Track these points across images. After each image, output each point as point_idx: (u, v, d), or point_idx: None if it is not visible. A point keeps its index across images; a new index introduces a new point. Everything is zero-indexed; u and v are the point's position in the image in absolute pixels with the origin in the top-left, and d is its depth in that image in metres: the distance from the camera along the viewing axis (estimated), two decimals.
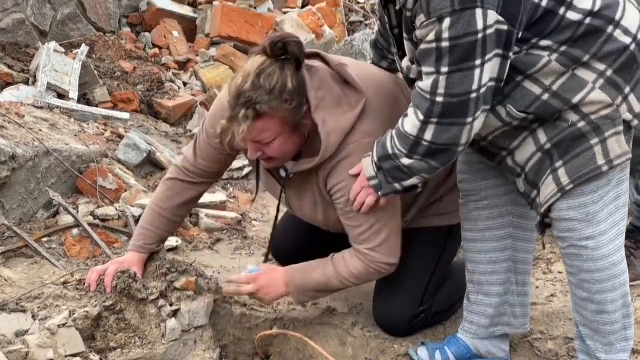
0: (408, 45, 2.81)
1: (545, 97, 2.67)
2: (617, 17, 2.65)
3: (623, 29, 2.65)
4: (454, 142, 2.70)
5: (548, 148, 2.73)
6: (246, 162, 4.99)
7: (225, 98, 3.04)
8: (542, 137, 2.73)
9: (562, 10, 2.63)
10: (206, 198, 4.42)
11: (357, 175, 3.03)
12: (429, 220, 3.42)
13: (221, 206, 4.60)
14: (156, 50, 6.86)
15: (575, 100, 2.65)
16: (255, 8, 7.33)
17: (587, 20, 2.63)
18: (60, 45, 6.16)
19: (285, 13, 7.58)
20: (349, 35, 7.10)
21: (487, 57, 2.57)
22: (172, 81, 6.48)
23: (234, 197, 4.86)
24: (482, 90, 2.61)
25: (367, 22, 7.78)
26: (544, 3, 2.61)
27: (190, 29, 7.19)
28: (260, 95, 2.91)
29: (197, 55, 6.88)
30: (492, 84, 2.62)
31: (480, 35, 2.54)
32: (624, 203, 2.79)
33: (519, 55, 2.65)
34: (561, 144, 2.70)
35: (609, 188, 2.73)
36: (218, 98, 3.30)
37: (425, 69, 2.65)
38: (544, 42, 2.64)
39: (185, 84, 6.58)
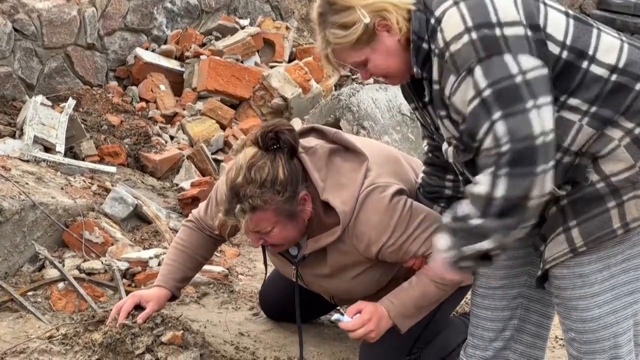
0: (442, 125, 2.77)
1: (577, 161, 2.66)
2: None
3: None
4: (526, 197, 2.53)
5: (563, 204, 2.68)
6: None
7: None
8: (562, 193, 2.70)
9: (584, 64, 2.59)
10: None
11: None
12: None
13: (206, 262, 4.58)
14: (143, 103, 6.87)
15: (599, 154, 2.63)
16: (242, 62, 7.37)
17: (613, 77, 2.59)
18: (47, 98, 6.16)
19: (272, 67, 7.61)
20: (335, 90, 7.13)
21: (541, 101, 2.49)
22: (159, 135, 6.49)
23: (220, 251, 4.84)
24: (548, 137, 2.50)
25: (354, 76, 7.82)
26: (565, 55, 2.59)
27: (177, 83, 7.21)
28: (252, 190, 2.98)
29: (184, 109, 6.90)
30: (553, 134, 2.52)
31: (519, 79, 2.48)
32: (636, 265, 2.72)
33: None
34: (576, 202, 2.66)
35: (617, 250, 2.68)
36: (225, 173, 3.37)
37: (481, 130, 2.54)
38: (573, 101, 2.61)
39: (172, 138, 6.59)
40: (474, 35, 2.53)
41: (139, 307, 3.34)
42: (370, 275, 3.26)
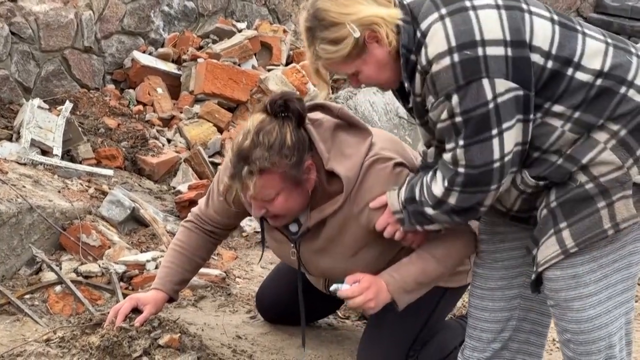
0: (421, 130, 2.88)
1: (560, 161, 2.68)
2: (630, 76, 2.64)
3: (637, 89, 2.64)
4: (478, 204, 2.74)
5: (553, 206, 2.71)
6: None
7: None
8: (552, 194, 2.73)
9: (569, 71, 2.63)
10: None
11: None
12: None
13: (205, 263, 4.58)
14: (140, 106, 6.86)
15: (585, 160, 2.64)
16: (239, 65, 7.36)
17: (598, 82, 2.62)
18: (44, 101, 6.16)
19: (269, 70, 7.61)
20: (332, 93, 7.13)
21: (506, 125, 2.59)
22: (156, 138, 6.48)
23: (217, 254, 4.84)
24: (507, 158, 2.64)
25: None
26: (550, 65, 2.62)
27: (174, 86, 7.20)
28: (260, 152, 2.97)
29: (181, 112, 6.89)
30: (517, 148, 2.65)
31: (491, 105, 2.57)
32: (626, 265, 2.74)
33: (533, 126, 2.65)
34: (566, 204, 2.68)
35: (608, 250, 2.70)
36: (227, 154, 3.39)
37: (447, 145, 2.70)
38: (557, 108, 2.64)
39: (169, 141, 6.58)
40: (456, 57, 2.58)
41: (136, 310, 3.33)
42: (369, 254, 3.24)
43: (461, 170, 2.67)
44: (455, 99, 2.60)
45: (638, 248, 2.75)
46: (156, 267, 4.30)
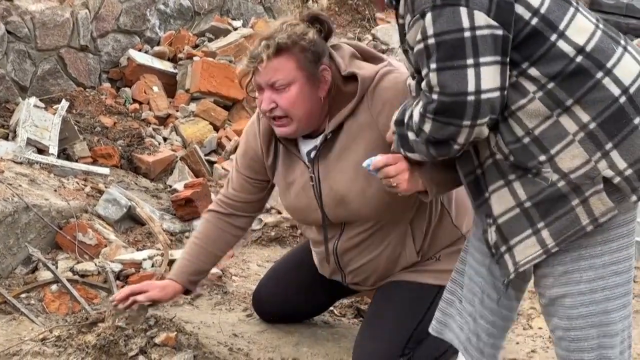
0: (404, 60, 2.86)
1: (526, 140, 2.64)
2: (609, 64, 2.60)
3: (614, 78, 2.60)
4: (452, 139, 2.65)
5: (527, 207, 2.68)
6: None
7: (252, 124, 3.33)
8: (521, 193, 2.69)
9: (553, 37, 2.59)
10: None
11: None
12: (422, 275, 3.44)
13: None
14: (136, 105, 6.86)
15: (553, 150, 2.62)
16: (235, 63, 7.37)
17: (578, 59, 2.58)
18: (41, 100, 6.16)
19: None
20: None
21: (483, 59, 2.53)
22: (152, 136, 6.49)
23: None
24: (484, 95, 2.56)
25: None
26: (534, 22, 2.58)
27: (170, 84, 7.20)
28: (282, 34, 3.09)
29: (177, 111, 6.90)
30: (497, 93, 2.58)
31: (467, 34, 2.51)
32: (627, 268, 2.72)
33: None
34: (541, 204, 2.65)
35: (600, 251, 2.68)
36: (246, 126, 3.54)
37: (422, 72, 2.64)
38: (533, 71, 2.60)
39: (165, 139, 6.58)
40: None
41: (146, 306, 3.35)
42: None
43: (435, 97, 2.59)
44: (429, 17, 2.54)
45: (632, 253, 2.74)
46: (152, 266, 4.31)
